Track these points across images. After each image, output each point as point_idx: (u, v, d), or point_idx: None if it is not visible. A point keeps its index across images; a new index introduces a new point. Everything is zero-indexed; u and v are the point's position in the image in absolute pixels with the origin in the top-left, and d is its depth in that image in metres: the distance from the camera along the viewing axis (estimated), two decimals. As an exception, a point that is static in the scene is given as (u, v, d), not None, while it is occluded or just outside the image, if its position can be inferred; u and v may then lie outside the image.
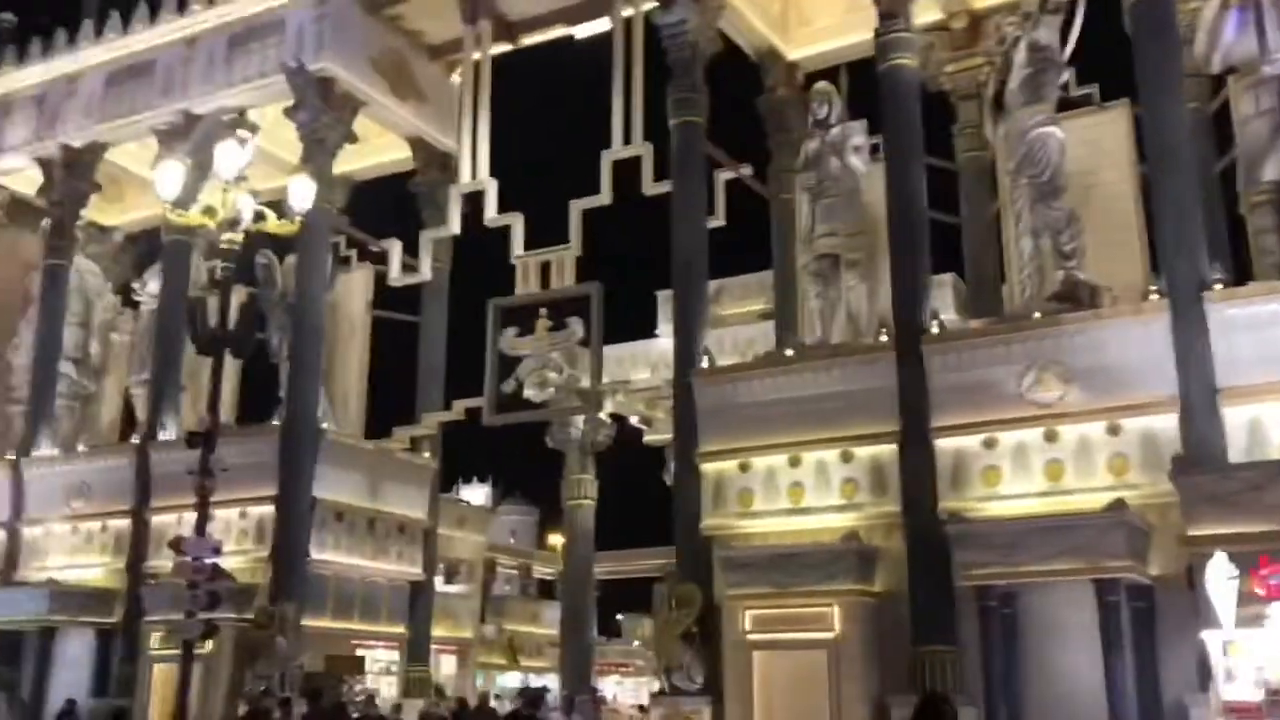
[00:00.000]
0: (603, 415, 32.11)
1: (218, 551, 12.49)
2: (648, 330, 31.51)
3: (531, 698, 12.40)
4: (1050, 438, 16.11)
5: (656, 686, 18.67)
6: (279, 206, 14.24)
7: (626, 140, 22.80)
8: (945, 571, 15.99)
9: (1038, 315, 16.63)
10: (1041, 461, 16.12)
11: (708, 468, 18.74)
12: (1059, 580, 14.89)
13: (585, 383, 23.02)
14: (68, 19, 28.52)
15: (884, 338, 17.93)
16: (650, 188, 22.29)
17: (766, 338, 29.08)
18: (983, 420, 16.55)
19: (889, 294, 19.14)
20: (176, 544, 12.47)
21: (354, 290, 26.56)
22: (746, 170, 22.52)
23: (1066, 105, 19.02)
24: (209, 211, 13.43)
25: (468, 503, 41.80)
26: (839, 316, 19.81)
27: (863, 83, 21.87)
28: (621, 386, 23.83)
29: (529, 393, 24.05)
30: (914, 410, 17.07)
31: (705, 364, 19.33)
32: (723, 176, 22.10)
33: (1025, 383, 16.36)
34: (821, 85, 20.97)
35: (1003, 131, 18.71)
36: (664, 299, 31.33)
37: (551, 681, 38.21)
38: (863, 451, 17.48)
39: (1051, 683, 15.30)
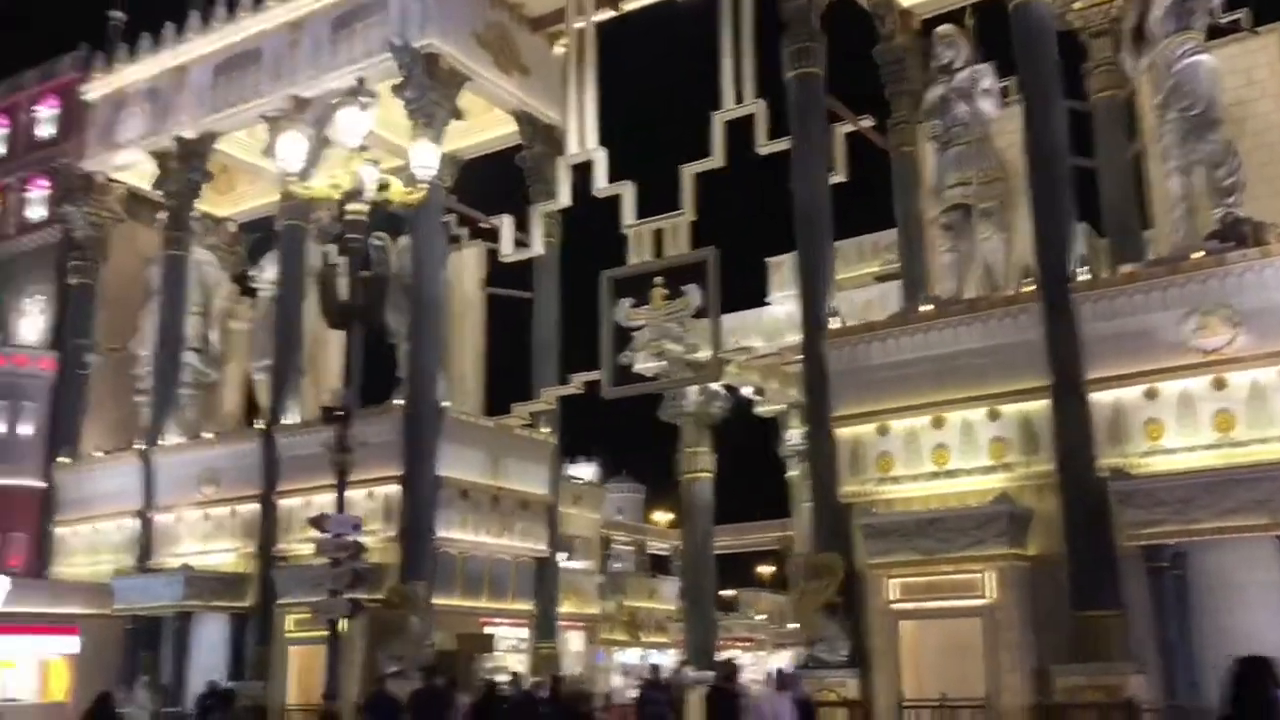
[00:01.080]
0: (717, 386, 31.56)
1: (358, 528, 12.26)
2: (758, 298, 30.80)
3: (727, 672, 11.80)
4: (1218, 385, 15.05)
5: (779, 661, 18.08)
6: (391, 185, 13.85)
7: (738, 99, 22.18)
8: (1106, 532, 15.14)
9: (1198, 256, 15.53)
10: (1209, 411, 15.07)
11: (843, 432, 18.03)
12: (1238, 537, 13.90)
13: (703, 352, 22.42)
14: (175, 13, 28.80)
15: (1028, 288, 16.93)
16: (765, 146, 21.64)
17: (884, 300, 28.18)
18: (1142, 370, 15.56)
19: (1026, 243, 18.24)
20: (318, 521, 12.25)
21: (466, 268, 26.38)
22: (867, 122, 21.62)
23: (1215, 33, 17.80)
24: (333, 182, 13.13)
25: (581, 480, 41.67)
26: (973, 270, 18.92)
27: (985, 25, 20.83)
28: (743, 354, 23.14)
29: (646, 364, 23.65)
30: (1065, 363, 16.13)
31: (835, 325, 18.54)
32: (841, 130, 21.24)
33: (1187, 328, 15.31)
34: (946, 28, 20.00)
35: (1146, 64, 17.59)
36: (774, 265, 30.65)
37: (668, 658, 37.91)
38: (1011, 409, 16.61)
39: (1230, 646, 14.27)
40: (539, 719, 11.09)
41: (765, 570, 53.26)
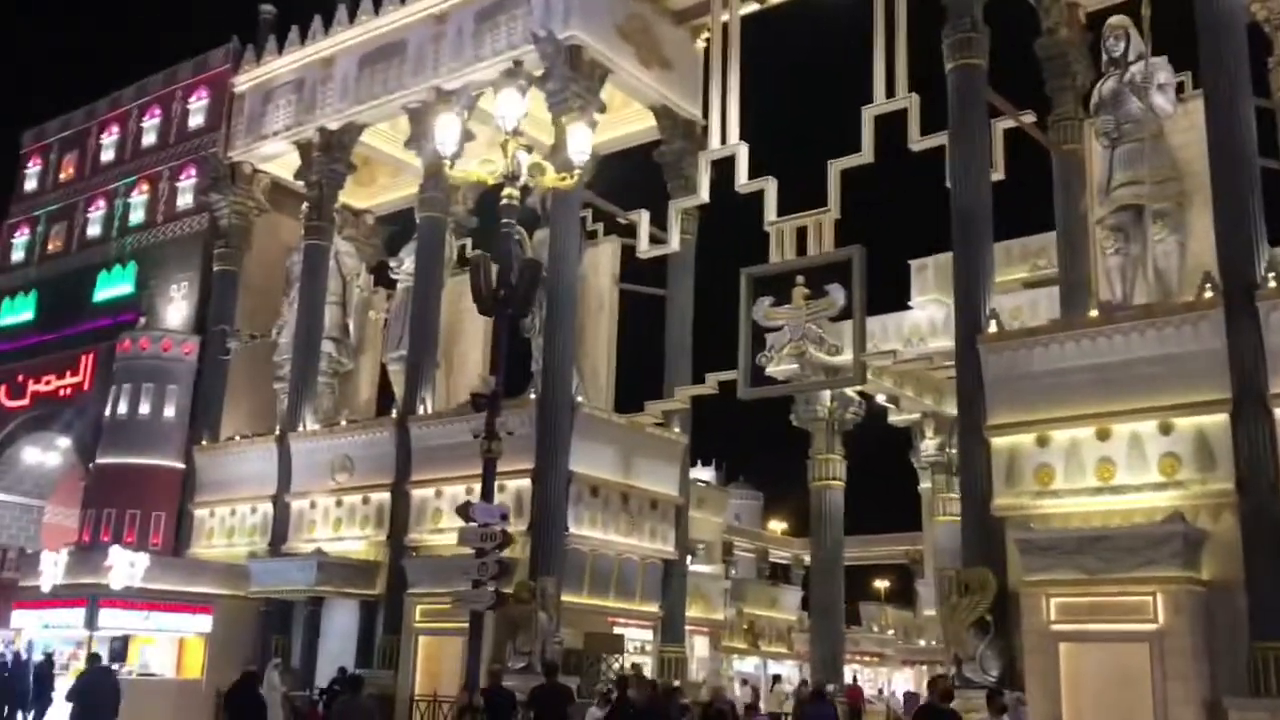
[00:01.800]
0: (852, 392, 30.70)
1: (505, 518, 11.94)
2: (898, 302, 29.85)
3: (943, 690, 10.73)
4: None
5: (903, 679, 17.22)
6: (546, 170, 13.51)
7: (889, 93, 21.41)
8: (1292, 558, 13.95)
9: None
10: None
11: (999, 442, 17.13)
12: None
13: (845, 355, 21.64)
14: (323, 5, 29.23)
15: (1208, 294, 15.79)
16: (918, 142, 20.82)
17: (1034, 307, 27.07)
18: (1336, 384, 14.36)
19: (1202, 247, 17.13)
20: (464, 510, 11.97)
21: (601, 263, 26.08)
22: (1029, 118, 20.62)
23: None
24: (488, 167, 12.88)
25: (704, 482, 41.08)
26: (1142, 275, 17.83)
27: (1160, 16, 19.67)
28: (885, 357, 22.30)
29: (784, 365, 23.01)
30: (1248, 374, 15.02)
31: (993, 328, 17.63)
32: (999, 126, 20.31)
33: (1390, 341, 14.07)
34: (1118, 19, 18.93)
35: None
36: (917, 268, 29.66)
37: (788, 669, 37.15)
38: (1185, 422, 15.52)
39: None
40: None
41: (881, 584, 51.98)
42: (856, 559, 47.43)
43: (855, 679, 26.97)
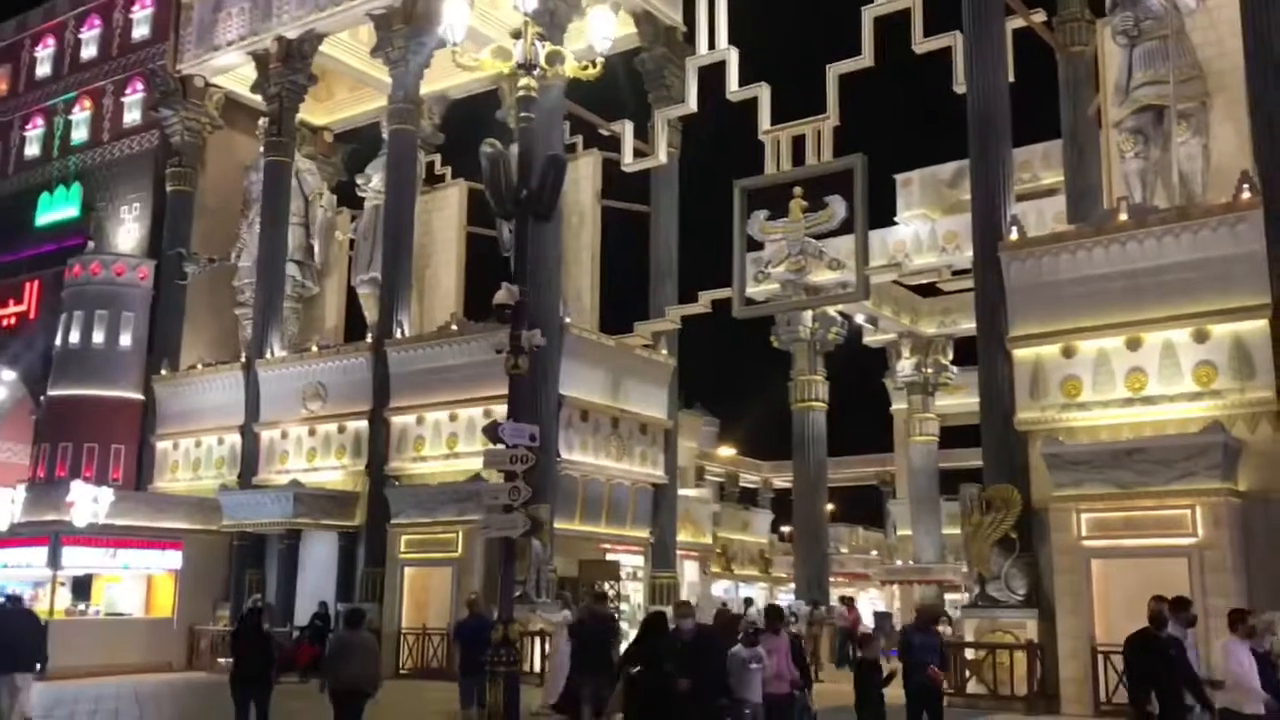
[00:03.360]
0: (833, 312, 30.00)
1: (534, 439, 10.99)
2: (884, 218, 29.02)
3: (1155, 614, 9.47)
4: None
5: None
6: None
7: (890, -8, 20.37)
8: (1336, 467, 13.48)
9: None
10: None
11: (1021, 354, 16.45)
12: None
13: (848, 269, 20.80)
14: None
15: (1245, 195, 15.10)
16: (922, 44, 19.86)
17: (1025, 221, 26.44)
18: (1382, 287, 13.81)
19: (1227, 149, 16.47)
20: (492, 431, 11.01)
21: (582, 178, 24.93)
22: (1039, 17, 19.71)
23: None
24: (501, 54, 11.74)
25: (675, 408, 40.25)
26: (1163, 179, 17.13)
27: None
28: (891, 271, 21.48)
29: (766, 285, 22.17)
30: (1289, 279, 14.39)
31: (1015, 235, 16.87)
32: (1009, 26, 19.36)
33: None
34: (1137, -91, 17.94)
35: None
36: (903, 182, 28.79)
37: (759, 592, 36.90)
38: (1222, 329, 14.92)
39: None
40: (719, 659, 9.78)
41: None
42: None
43: (846, 600, 26.49)
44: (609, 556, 22.32)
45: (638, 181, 24.93)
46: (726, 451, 48.25)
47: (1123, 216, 15.82)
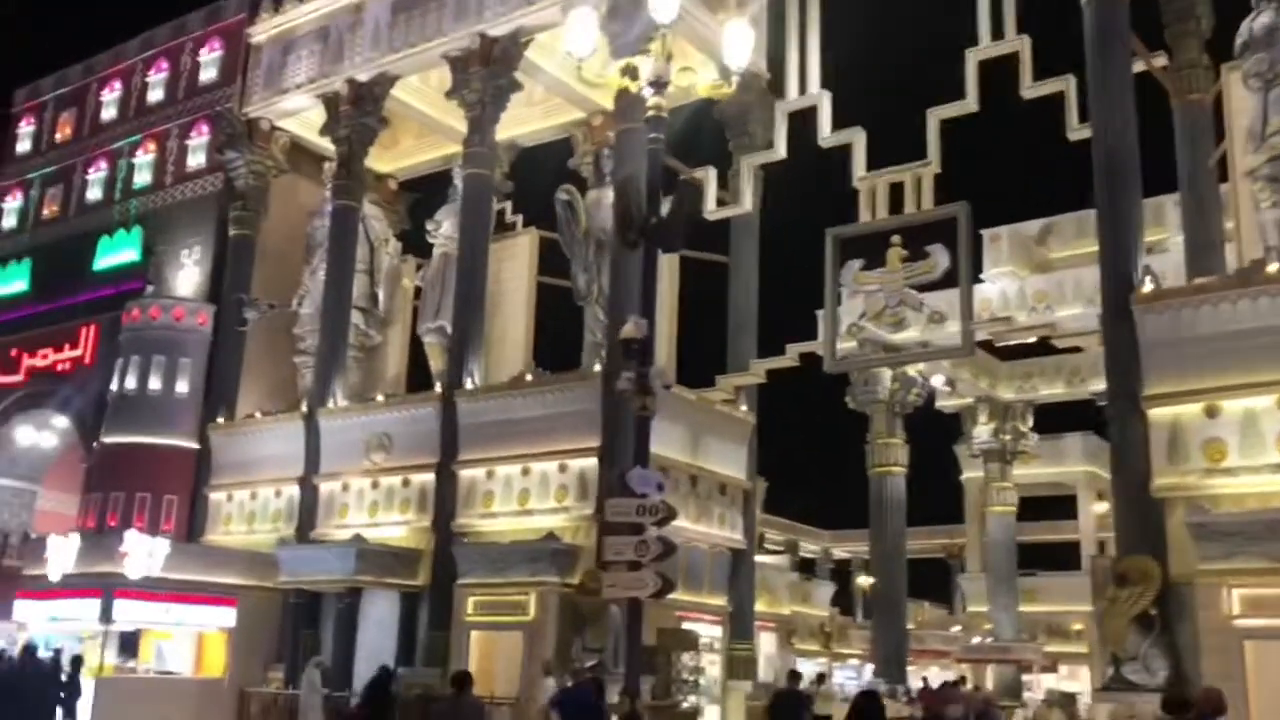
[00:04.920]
0: (914, 373, 28.82)
1: (662, 488, 9.85)
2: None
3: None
4: None
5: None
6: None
7: (995, 35, 19.44)
8: None
9: None
10: None
11: (1158, 414, 15.17)
12: None
13: (951, 324, 19.60)
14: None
15: None
16: (1031, 88, 18.90)
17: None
18: None
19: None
20: (620, 478, 9.90)
21: (661, 226, 23.92)
22: (1160, 60, 18.68)
23: None
24: (629, 71, 10.80)
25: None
26: (1302, 230, 15.91)
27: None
28: (1000, 324, 20.28)
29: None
30: None
31: (1149, 286, 15.65)
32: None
33: None
34: (1269, -54, 16.95)
35: None
36: (991, 238, 27.72)
37: (819, 668, 35.20)
38: (1387, 388, 13.60)
39: None
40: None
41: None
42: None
43: (925, 682, 24.99)
44: (685, 625, 20.97)
45: (716, 231, 23.99)
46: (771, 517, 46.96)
47: (1272, 267, 14.58)
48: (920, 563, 45.73)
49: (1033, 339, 26.40)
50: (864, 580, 47.62)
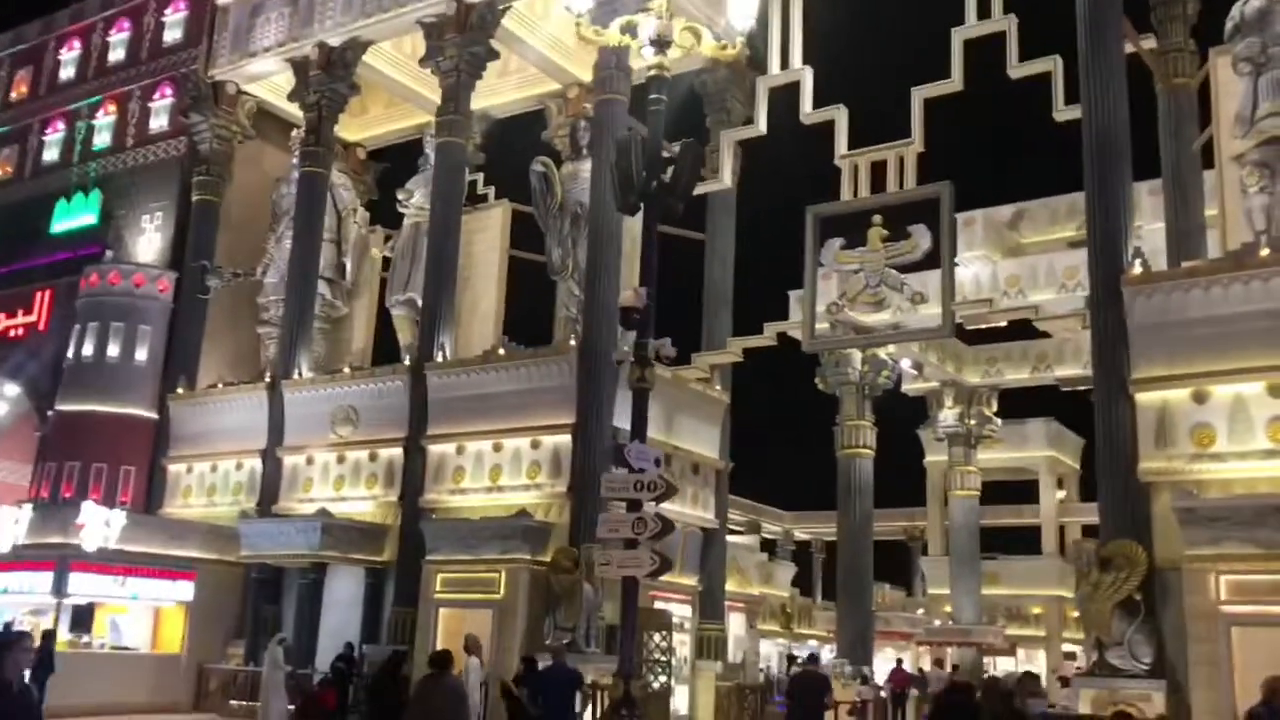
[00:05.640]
0: (884, 355, 28.66)
1: (659, 463, 9.53)
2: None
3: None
4: None
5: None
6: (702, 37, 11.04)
7: (981, 14, 19.23)
8: None
9: None
10: None
11: (1146, 398, 15.06)
12: None
13: (929, 305, 19.39)
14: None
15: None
16: (1018, 68, 18.71)
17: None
18: None
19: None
20: (617, 452, 9.56)
21: (636, 201, 23.55)
22: (1149, 43, 18.54)
23: None
24: (630, 29, 10.42)
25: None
26: (1286, 216, 15.84)
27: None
28: (981, 306, 20.09)
29: (860, 314, 20.77)
30: None
31: (1139, 269, 15.52)
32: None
33: None
34: (1263, -70, 16.82)
35: None
36: (965, 221, 27.55)
37: (778, 648, 35.30)
38: (1379, 375, 13.55)
39: None
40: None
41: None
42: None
43: (900, 662, 24.91)
44: (657, 605, 20.71)
45: (692, 206, 23.58)
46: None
47: (1265, 251, 14.49)
48: (880, 545, 45.87)
49: (1004, 323, 26.35)
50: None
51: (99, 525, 20.07)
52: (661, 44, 10.18)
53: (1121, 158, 16.36)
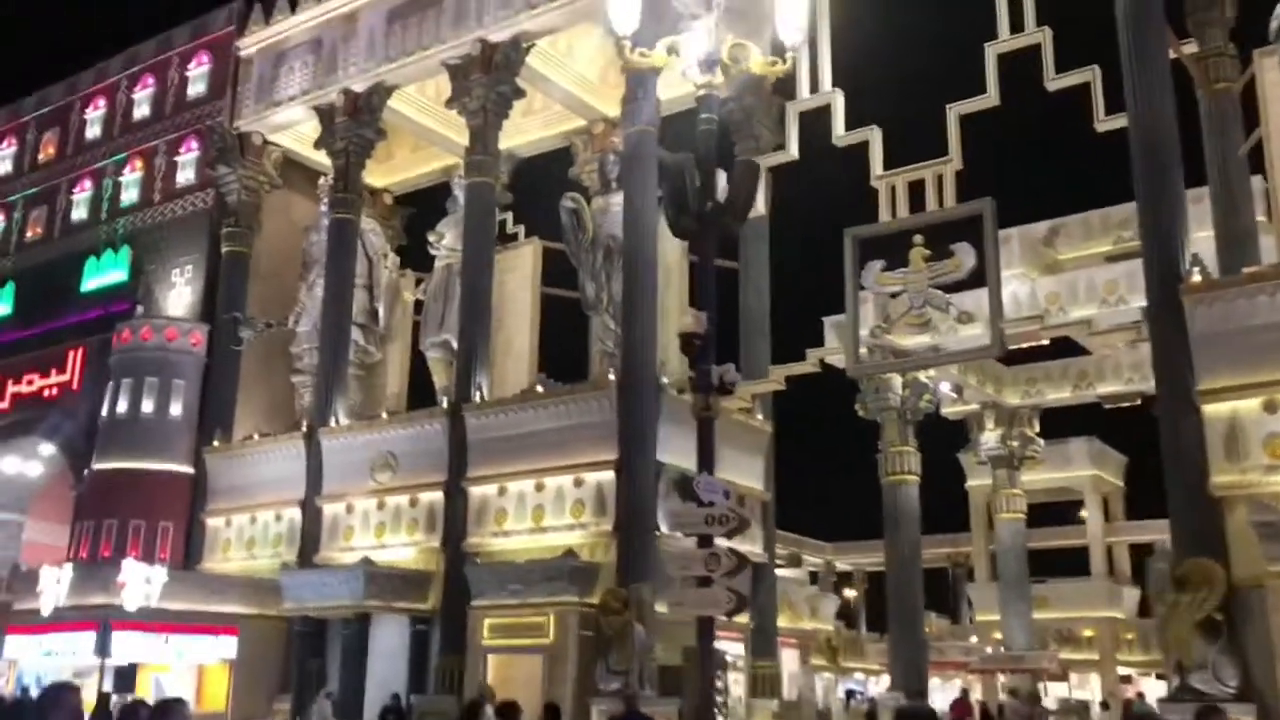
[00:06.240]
0: (925, 378, 28.19)
1: (728, 495, 9.15)
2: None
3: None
4: None
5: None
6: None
7: (1015, 28, 18.95)
8: None
9: None
10: None
11: (1213, 409, 14.58)
12: None
13: (976, 324, 19.01)
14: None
15: None
16: (1054, 80, 18.39)
17: (1132, 280, 24.78)
18: None
19: None
20: (686, 486, 9.19)
21: (667, 231, 23.24)
22: (1190, 48, 18.17)
23: None
24: (675, 49, 10.14)
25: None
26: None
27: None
28: (1032, 322, 19.63)
29: (905, 336, 20.38)
30: None
31: (1198, 276, 15.08)
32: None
33: None
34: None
35: None
36: (1001, 239, 27.01)
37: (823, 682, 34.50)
38: None
39: None
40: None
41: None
42: (881, 563, 44.99)
43: (966, 693, 24.23)
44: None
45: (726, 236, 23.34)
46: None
47: (1330, 253, 14.05)
48: (924, 573, 45.16)
49: (1047, 340, 25.85)
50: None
51: (140, 583, 19.78)
52: (710, 63, 9.93)
53: (1172, 165, 15.99)
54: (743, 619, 21.49)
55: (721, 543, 9.56)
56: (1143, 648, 35.24)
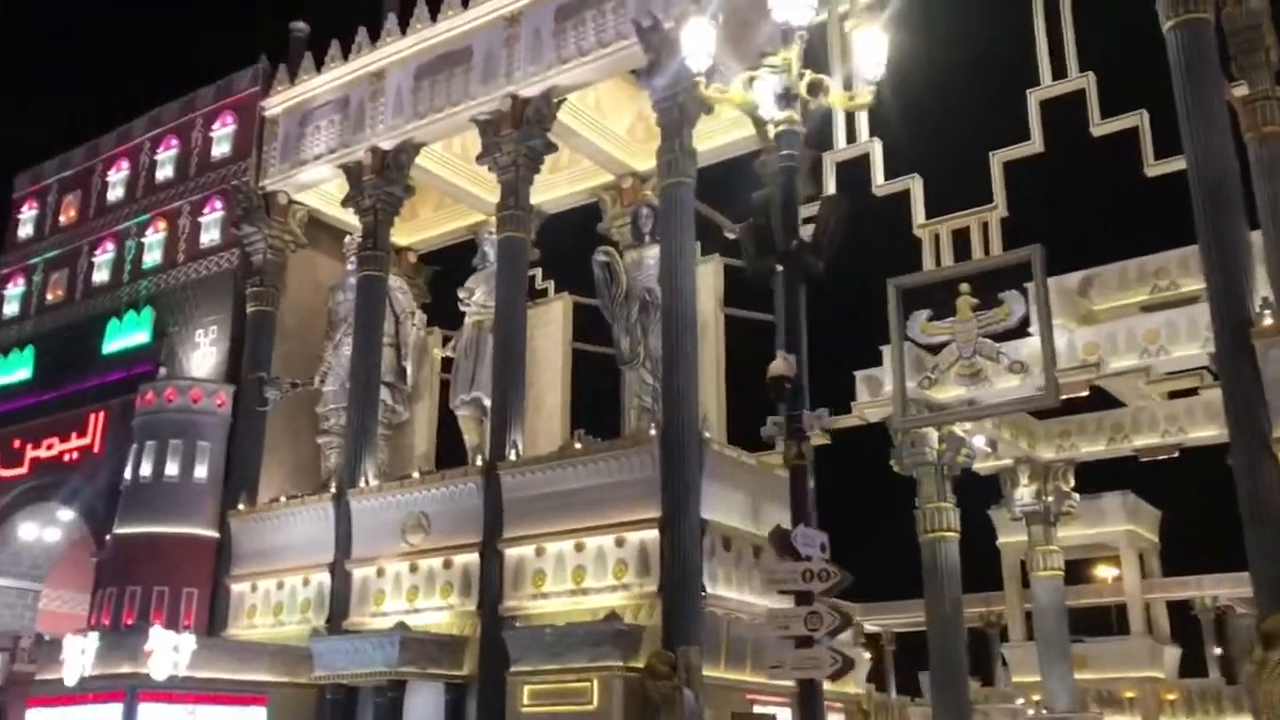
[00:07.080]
0: (961, 432, 27.65)
1: (825, 548, 8.65)
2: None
3: None
4: None
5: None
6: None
7: (1058, 74, 18.79)
8: None
9: None
10: None
11: (1292, 455, 14.07)
12: None
13: (1034, 371, 18.61)
14: (365, 19, 26.34)
15: None
16: (1100, 125, 18.17)
17: (1173, 331, 24.49)
18: None
19: None
20: (782, 539, 8.69)
21: (703, 285, 22.92)
22: (1240, 89, 17.94)
23: None
24: (750, 85, 9.85)
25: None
26: None
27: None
28: (1090, 371, 19.20)
29: (950, 389, 19.97)
30: None
31: (1269, 319, 14.67)
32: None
33: None
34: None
35: None
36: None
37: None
38: None
39: None
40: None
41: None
42: (910, 624, 44.09)
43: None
44: (756, 709, 19.49)
45: (759, 288, 23.03)
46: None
47: None
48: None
49: (1085, 391, 25.39)
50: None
51: (169, 651, 19.19)
52: (788, 98, 9.62)
53: (1234, 206, 15.67)
54: (789, 681, 20.81)
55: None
56: (1185, 709, 34.35)
